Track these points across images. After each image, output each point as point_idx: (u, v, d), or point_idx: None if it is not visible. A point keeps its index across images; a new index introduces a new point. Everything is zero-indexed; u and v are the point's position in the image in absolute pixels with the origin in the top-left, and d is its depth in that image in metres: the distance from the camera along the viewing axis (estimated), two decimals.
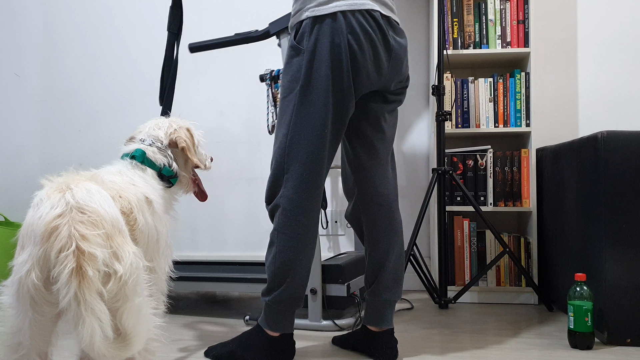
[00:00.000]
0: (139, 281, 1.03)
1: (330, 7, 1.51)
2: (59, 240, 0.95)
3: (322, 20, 1.52)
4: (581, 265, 1.97)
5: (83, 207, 0.99)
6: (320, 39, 1.52)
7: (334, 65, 1.51)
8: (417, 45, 2.80)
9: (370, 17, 1.53)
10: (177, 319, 2.19)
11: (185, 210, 2.95)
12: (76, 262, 0.93)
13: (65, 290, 0.92)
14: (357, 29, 1.51)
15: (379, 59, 1.55)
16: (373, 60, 1.54)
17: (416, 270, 2.41)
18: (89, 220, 0.98)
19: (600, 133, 1.81)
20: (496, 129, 2.46)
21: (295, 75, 1.56)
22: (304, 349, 1.76)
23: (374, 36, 1.53)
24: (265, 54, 2.90)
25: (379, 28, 1.54)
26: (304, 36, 1.54)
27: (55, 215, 0.97)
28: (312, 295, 1.98)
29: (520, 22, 2.46)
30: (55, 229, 0.95)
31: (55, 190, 1.01)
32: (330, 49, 1.50)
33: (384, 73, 1.58)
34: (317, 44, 1.52)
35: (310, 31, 1.53)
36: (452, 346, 1.79)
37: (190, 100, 2.96)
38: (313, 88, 1.53)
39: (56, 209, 0.98)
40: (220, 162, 2.93)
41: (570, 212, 2.08)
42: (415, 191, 2.79)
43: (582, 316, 1.73)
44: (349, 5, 1.51)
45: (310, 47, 1.53)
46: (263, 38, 2.07)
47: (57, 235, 0.95)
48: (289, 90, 1.57)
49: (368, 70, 1.54)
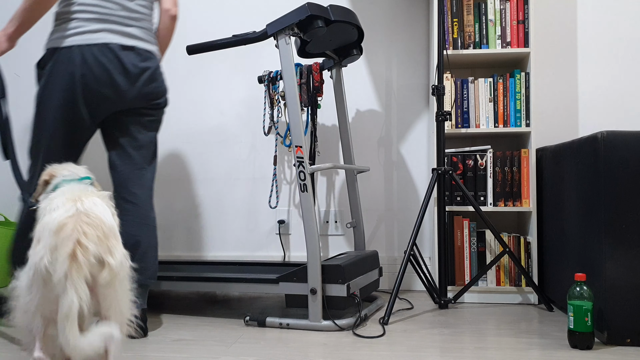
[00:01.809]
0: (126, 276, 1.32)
1: (69, 41, 1.83)
2: (64, 231, 1.23)
3: (60, 52, 1.83)
4: (581, 265, 1.97)
5: (89, 213, 1.28)
6: (56, 66, 1.84)
7: (66, 89, 1.83)
8: (417, 45, 2.81)
9: (107, 49, 1.84)
10: (177, 319, 2.19)
11: (184, 211, 2.95)
12: (73, 249, 1.21)
13: (60, 268, 1.19)
14: (90, 60, 1.81)
15: (117, 84, 1.86)
16: (110, 86, 1.85)
17: (416, 270, 2.41)
18: (91, 222, 1.27)
19: (600, 133, 1.81)
20: (496, 129, 2.46)
21: (38, 92, 1.90)
22: (304, 349, 1.76)
23: (109, 66, 1.84)
24: (265, 55, 2.90)
25: (116, 58, 1.84)
26: (47, 62, 1.87)
27: (67, 216, 1.25)
28: (312, 295, 1.99)
29: (520, 22, 2.46)
30: (64, 225, 1.24)
31: (69, 200, 1.30)
32: (63, 76, 1.83)
33: (125, 95, 1.89)
34: (53, 70, 1.84)
35: (50, 58, 1.86)
36: (452, 346, 1.79)
37: (190, 101, 2.96)
38: (46, 105, 1.87)
39: (68, 212, 1.27)
40: (219, 162, 2.93)
41: (570, 212, 2.08)
42: (415, 191, 2.79)
43: (582, 316, 1.73)
44: (85, 40, 1.82)
45: (47, 72, 1.86)
46: (261, 39, 2.07)
47: (65, 228, 1.23)
48: (35, 104, 1.91)
49: (104, 94, 1.86)
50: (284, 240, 2.86)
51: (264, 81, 2.66)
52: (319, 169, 2.06)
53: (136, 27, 1.94)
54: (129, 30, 1.91)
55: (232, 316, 2.22)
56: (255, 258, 2.88)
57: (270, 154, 2.89)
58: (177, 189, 2.96)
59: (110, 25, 1.87)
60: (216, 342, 1.85)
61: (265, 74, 2.67)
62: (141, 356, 1.70)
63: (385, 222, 2.81)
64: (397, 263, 2.78)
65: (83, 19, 1.86)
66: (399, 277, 2.18)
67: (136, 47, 1.91)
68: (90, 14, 1.86)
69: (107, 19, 1.87)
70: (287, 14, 2.02)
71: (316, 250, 1.99)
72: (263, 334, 1.95)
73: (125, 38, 1.88)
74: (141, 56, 1.92)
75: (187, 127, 2.97)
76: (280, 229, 2.86)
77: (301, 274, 2.03)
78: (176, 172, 2.97)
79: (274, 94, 2.65)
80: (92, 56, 1.82)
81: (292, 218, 2.86)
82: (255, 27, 2.91)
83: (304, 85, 2.59)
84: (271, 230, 2.88)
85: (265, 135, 2.69)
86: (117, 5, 1.90)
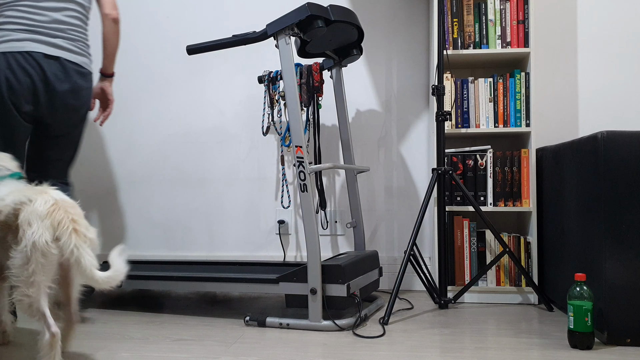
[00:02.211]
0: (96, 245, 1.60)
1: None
2: (59, 215, 1.52)
3: None
4: (581, 265, 1.97)
5: (65, 201, 1.58)
6: None
7: None
8: (417, 45, 2.81)
9: (30, 57, 1.98)
10: (177, 319, 2.19)
11: (184, 211, 2.95)
12: (72, 227, 1.52)
13: (69, 243, 1.50)
14: (14, 66, 1.96)
15: (37, 91, 2.01)
16: (31, 92, 2.00)
17: (416, 270, 2.41)
18: (70, 207, 1.57)
19: (600, 133, 1.81)
20: (496, 129, 2.46)
21: None
22: (304, 349, 1.76)
23: (31, 72, 1.98)
24: (265, 55, 2.90)
25: (38, 66, 1.98)
26: None
27: (51, 204, 1.54)
28: (312, 295, 1.99)
29: (520, 22, 2.46)
30: (54, 211, 1.52)
31: (37, 193, 1.57)
32: None
33: (44, 103, 2.03)
34: None
35: None
36: (452, 346, 1.79)
37: (191, 100, 2.96)
38: None
39: (49, 201, 1.54)
40: (219, 162, 2.93)
41: (570, 212, 2.08)
42: (415, 191, 2.79)
43: (582, 316, 1.73)
44: (10, 47, 1.97)
45: None
46: (261, 39, 2.07)
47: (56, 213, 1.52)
48: None
49: (26, 97, 1.99)
50: (284, 240, 2.86)
51: (264, 81, 2.66)
52: (319, 168, 2.06)
53: (63, 38, 2.05)
54: (55, 41, 2.03)
55: (232, 316, 2.22)
56: (255, 258, 2.88)
57: (270, 154, 2.89)
58: (177, 189, 2.97)
59: (36, 36, 1.99)
60: (216, 342, 1.85)
61: (265, 74, 2.67)
62: (141, 356, 1.70)
63: (385, 222, 2.81)
64: (397, 263, 2.78)
65: (10, 29, 1.99)
66: (399, 277, 2.18)
67: (61, 58, 2.03)
68: (17, 25, 1.99)
69: (33, 30, 1.99)
70: (287, 14, 2.02)
71: (316, 250, 1.99)
72: (263, 334, 1.95)
73: (50, 48, 2.01)
74: (64, 67, 2.04)
75: (187, 127, 2.97)
76: (280, 229, 2.86)
77: (301, 274, 2.03)
78: (176, 172, 2.97)
79: (274, 94, 2.65)
80: (15, 62, 1.96)
81: (292, 218, 2.86)
82: (255, 27, 2.91)
83: (304, 85, 2.59)
84: (271, 230, 2.88)
85: (263, 135, 2.69)
86: (44, 16, 2.02)
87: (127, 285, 2.33)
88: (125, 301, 2.54)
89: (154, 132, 3.00)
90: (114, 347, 1.81)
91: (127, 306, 2.43)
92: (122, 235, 3.01)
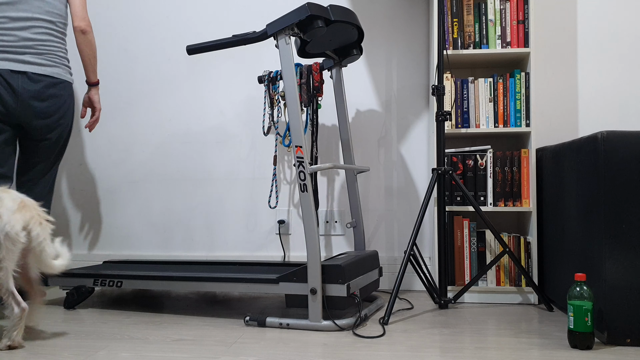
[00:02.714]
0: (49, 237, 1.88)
1: None
2: (29, 211, 1.81)
3: None
4: (581, 265, 1.97)
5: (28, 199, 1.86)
6: None
7: None
8: (417, 45, 2.81)
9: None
10: (177, 319, 2.19)
11: (184, 210, 2.95)
12: (40, 221, 1.82)
13: (38, 234, 1.79)
14: None
15: (6, 103, 2.24)
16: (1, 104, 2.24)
17: (416, 270, 2.41)
18: (33, 205, 1.85)
19: (600, 133, 1.81)
20: (496, 129, 2.47)
21: None
22: (304, 349, 1.76)
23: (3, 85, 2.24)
24: (265, 55, 2.90)
25: (5, 81, 2.23)
26: None
27: (19, 201, 1.81)
28: (312, 295, 1.99)
29: (520, 22, 2.46)
30: (23, 206, 1.81)
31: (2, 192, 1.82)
32: None
33: (13, 112, 2.26)
34: None
35: None
36: (452, 346, 1.79)
37: (191, 100, 2.96)
38: None
39: (16, 199, 1.81)
40: (219, 162, 2.93)
41: (570, 212, 2.08)
42: (415, 191, 2.79)
43: (582, 316, 1.73)
44: None
45: None
46: (261, 39, 2.07)
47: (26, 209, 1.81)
48: None
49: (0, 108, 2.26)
50: (284, 240, 2.86)
51: (264, 81, 2.66)
52: (319, 169, 2.06)
53: (31, 54, 2.28)
54: (23, 57, 2.26)
55: (232, 316, 2.22)
56: (255, 258, 2.88)
57: (270, 153, 2.89)
58: (177, 189, 2.97)
59: (6, 55, 2.24)
60: (216, 342, 1.85)
61: (265, 74, 2.67)
62: (141, 356, 1.70)
63: (385, 222, 2.81)
64: (397, 263, 2.78)
65: None
66: (399, 277, 2.18)
67: (28, 72, 2.26)
68: None
69: (4, 50, 2.24)
70: (287, 14, 2.02)
71: (316, 250, 1.99)
72: (263, 334, 1.95)
73: (16, 64, 2.25)
74: (31, 79, 2.27)
75: (187, 127, 2.97)
76: (280, 229, 2.86)
77: (301, 274, 2.03)
78: (176, 172, 2.97)
79: (274, 94, 2.65)
80: None
81: (292, 218, 2.86)
82: (255, 27, 2.91)
83: (304, 85, 2.59)
84: (271, 230, 2.88)
85: (264, 135, 2.69)
86: (13, 37, 2.25)
87: (127, 285, 2.33)
88: (125, 301, 2.54)
89: (154, 132, 3.00)
90: (114, 347, 1.81)
91: (127, 306, 2.43)
92: (122, 235, 3.01)
